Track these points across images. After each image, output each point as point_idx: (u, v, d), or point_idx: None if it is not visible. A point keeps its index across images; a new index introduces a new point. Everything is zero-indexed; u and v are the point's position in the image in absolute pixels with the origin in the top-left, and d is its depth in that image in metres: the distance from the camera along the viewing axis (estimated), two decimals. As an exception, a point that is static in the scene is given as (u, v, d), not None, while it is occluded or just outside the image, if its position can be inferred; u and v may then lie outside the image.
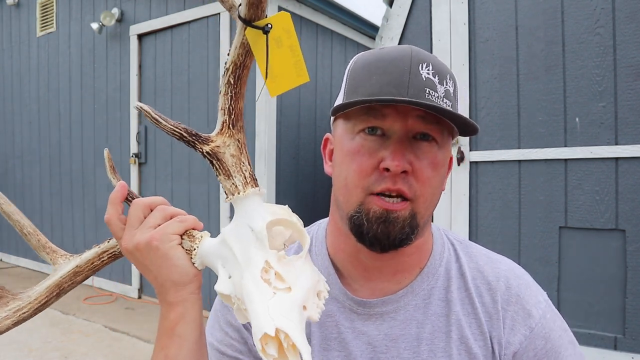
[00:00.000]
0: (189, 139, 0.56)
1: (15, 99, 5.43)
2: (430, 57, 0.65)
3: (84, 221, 4.59)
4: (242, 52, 0.55)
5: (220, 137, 0.56)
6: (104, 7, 4.34)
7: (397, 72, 0.62)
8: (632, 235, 2.11)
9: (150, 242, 0.56)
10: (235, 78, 0.55)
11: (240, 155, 0.57)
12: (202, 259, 0.57)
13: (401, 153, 0.61)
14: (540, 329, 0.68)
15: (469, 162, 2.52)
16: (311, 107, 3.87)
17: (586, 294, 2.22)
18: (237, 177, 0.56)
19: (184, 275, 0.57)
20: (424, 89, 0.62)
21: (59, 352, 2.97)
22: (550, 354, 0.67)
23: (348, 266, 0.73)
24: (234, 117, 0.56)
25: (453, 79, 0.67)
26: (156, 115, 0.55)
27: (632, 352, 2.09)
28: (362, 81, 0.65)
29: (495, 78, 2.45)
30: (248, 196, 0.55)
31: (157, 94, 4.03)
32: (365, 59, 0.67)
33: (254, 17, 0.53)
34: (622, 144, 2.12)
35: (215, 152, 0.56)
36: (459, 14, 2.54)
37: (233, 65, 0.55)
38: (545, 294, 0.72)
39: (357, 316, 0.71)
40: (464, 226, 2.52)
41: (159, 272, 0.57)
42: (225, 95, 0.55)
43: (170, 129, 0.55)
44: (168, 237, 0.57)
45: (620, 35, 2.12)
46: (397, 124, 0.63)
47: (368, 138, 0.64)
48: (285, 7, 3.49)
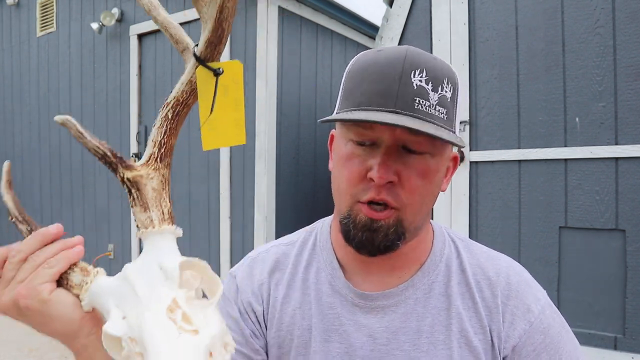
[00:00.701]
0: (112, 160, 0.52)
1: (15, 99, 5.43)
2: (426, 62, 0.64)
3: (83, 221, 4.59)
4: (187, 90, 0.54)
5: (145, 168, 0.53)
6: (104, 7, 4.34)
7: (387, 81, 0.62)
8: (632, 235, 2.11)
9: (17, 301, 0.50)
10: (174, 114, 0.54)
11: (162, 191, 0.53)
12: (92, 298, 0.51)
13: (386, 164, 0.62)
14: (539, 323, 0.69)
15: (469, 162, 2.52)
16: (311, 107, 3.87)
17: (586, 294, 2.22)
18: (155, 212, 0.52)
19: (68, 324, 0.51)
20: (414, 98, 0.62)
21: (59, 352, 2.97)
22: (550, 349, 0.68)
23: (350, 261, 0.75)
24: (163, 151, 0.54)
25: (452, 82, 0.66)
26: (80, 130, 0.51)
27: (632, 352, 2.09)
28: (355, 88, 0.66)
29: (495, 78, 2.45)
30: (162, 232, 0.51)
31: (157, 94, 4.03)
32: (361, 62, 0.68)
33: (208, 57, 0.52)
34: (622, 144, 2.12)
35: (137, 181, 0.52)
36: (459, 14, 2.54)
37: (175, 100, 0.54)
38: (544, 292, 0.73)
39: (359, 309, 0.72)
40: (464, 226, 2.52)
41: (43, 328, 0.52)
42: (160, 128, 0.53)
43: (93, 146, 0.51)
44: (36, 291, 0.49)
45: (621, 35, 2.12)
46: (385, 134, 0.63)
47: (358, 147, 0.66)
48: (285, 7, 3.49)
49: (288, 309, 0.77)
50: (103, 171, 4.45)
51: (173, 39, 0.57)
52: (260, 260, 0.82)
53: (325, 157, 4.03)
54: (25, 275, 0.51)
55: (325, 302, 0.74)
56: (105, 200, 4.43)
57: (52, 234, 0.54)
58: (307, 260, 0.79)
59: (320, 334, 0.73)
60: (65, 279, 0.52)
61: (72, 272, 0.52)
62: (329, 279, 0.76)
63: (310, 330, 0.74)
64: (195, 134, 3.76)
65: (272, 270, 0.80)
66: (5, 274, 0.52)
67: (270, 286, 0.79)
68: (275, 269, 0.80)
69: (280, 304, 0.77)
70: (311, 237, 0.82)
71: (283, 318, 0.76)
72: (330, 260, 0.77)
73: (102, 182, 4.46)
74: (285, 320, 0.76)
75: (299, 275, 0.78)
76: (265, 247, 0.85)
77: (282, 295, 0.78)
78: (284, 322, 0.76)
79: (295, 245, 0.82)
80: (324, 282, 0.76)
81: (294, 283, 0.78)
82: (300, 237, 0.83)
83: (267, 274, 0.80)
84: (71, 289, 0.52)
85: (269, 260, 0.81)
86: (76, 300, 0.52)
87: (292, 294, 0.77)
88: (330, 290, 0.75)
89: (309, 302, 0.76)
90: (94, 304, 0.51)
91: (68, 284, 0.52)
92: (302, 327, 0.75)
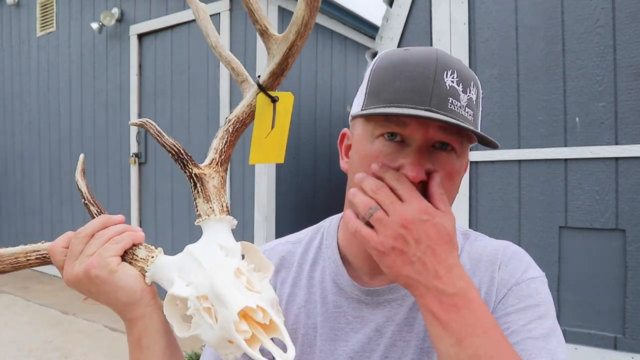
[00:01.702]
0: (185, 157, 0.60)
1: (15, 99, 5.43)
2: (456, 63, 0.64)
3: (83, 221, 4.56)
4: (247, 111, 0.64)
5: (208, 169, 0.62)
6: (104, 7, 4.34)
7: (421, 79, 0.61)
8: (632, 235, 2.11)
9: (88, 271, 0.57)
10: (234, 129, 0.64)
11: (221, 189, 0.62)
12: (155, 270, 0.58)
13: (420, 163, 0.61)
14: (519, 290, 0.67)
15: (469, 162, 2.52)
16: (311, 107, 3.87)
17: (586, 294, 2.22)
18: (215, 203, 0.60)
19: (131, 294, 0.58)
20: (447, 98, 0.61)
21: (59, 352, 2.97)
22: (521, 313, 0.65)
23: (358, 260, 0.75)
24: (223, 157, 0.63)
25: (477, 85, 0.66)
26: (159, 130, 0.60)
27: (632, 352, 2.09)
28: (385, 85, 0.64)
29: (495, 78, 2.45)
30: (222, 221, 0.59)
31: (157, 94, 4.03)
32: (389, 60, 0.66)
33: (269, 86, 0.62)
34: (622, 144, 2.12)
35: (202, 176, 0.61)
36: (459, 14, 2.54)
37: (236, 118, 0.64)
38: (540, 272, 0.71)
39: (365, 305, 0.73)
40: (464, 226, 2.52)
41: (107, 297, 0.59)
42: (222, 139, 0.63)
43: (170, 144, 0.60)
44: (105, 262, 0.57)
45: (621, 35, 2.12)
46: (418, 132, 0.62)
47: (387, 144, 0.64)
48: (285, 7, 3.49)
49: (293, 307, 0.77)
50: (103, 171, 4.46)
51: (234, 72, 0.68)
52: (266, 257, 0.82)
53: (326, 157, 4.03)
54: (95, 249, 0.58)
55: (331, 301, 0.75)
56: (105, 201, 4.43)
57: (115, 219, 0.61)
58: (312, 259, 0.79)
59: (326, 332, 0.74)
60: (131, 254, 0.60)
61: (137, 248, 0.60)
62: (334, 278, 0.76)
63: (315, 328, 0.74)
64: (194, 133, 3.76)
65: (278, 268, 0.80)
66: (73, 248, 0.59)
67: (276, 284, 0.79)
68: (281, 267, 0.80)
69: (285, 302, 0.77)
70: (318, 236, 0.82)
71: (288, 317, 0.76)
72: (336, 258, 0.77)
73: (102, 182, 4.46)
74: (290, 319, 0.76)
75: (304, 274, 0.78)
76: (271, 244, 0.85)
77: (287, 294, 0.78)
78: (288, 321, 0.76)
79: (301, 244, 0.82)
80: (329, 280, 0.76)
81: (299, 282, 0.78)
82: (307, 236, 0.83)
83: (273, 272, 0.80)
84: (136, 263, 0.59)
85: (274, 258, 0.81)
86: (139, 274, 0.59)
87: (297, 293, 0.77)
88: (335, 288, 0.75)
89: (314, 301, 0.76)
90: (155, 277, 0.58)
91: (133, 258, 0.60)
92: (307, 326, 0.75)
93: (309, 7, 0.55)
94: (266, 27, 0.61)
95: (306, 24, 0.56)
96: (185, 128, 3.83)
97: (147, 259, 0.59)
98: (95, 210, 0.64)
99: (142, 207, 4.21)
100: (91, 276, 0.57)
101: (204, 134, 3.71)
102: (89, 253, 0.58)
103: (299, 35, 0.57)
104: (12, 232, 5.61)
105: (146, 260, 0.59)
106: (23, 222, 5.43)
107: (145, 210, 4.19)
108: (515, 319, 0.64)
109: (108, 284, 0.57)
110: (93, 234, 0.59)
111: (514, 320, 0.64)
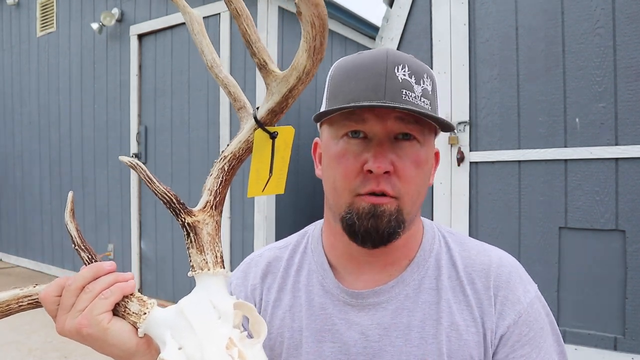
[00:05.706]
0: (177, 206, 0.57)
1: (15, 99, 5.43)
2: (406, 59, 0.67)
3: (84, 221, 4.59)
4: (243, 147, 0.60)
5: (202, 214, 0.58)
6: (104, 7, 4.34)
7: (374, 77, 0.65)
8: (632, 236, 2.11)
9: (80, 330, 0.55)
10: (230, 167, 0.59)
11: (216, 235, 0.58)
12: (148, 326, 0.56)
13: (382, 155, 0.65)
14: (527, 316, 0.69)
15: (469, 162, 2.52)
16: (311, 107, 3.88)
17: (586, 294, 2.22)
18: (209, 254, 0.57)
19: (125, 350, 0.57)
20: (401, 90, 0.65)
21: (59, 352, 2.97)
22: (532, 342, 0.69)
23: (342, 262, 0.76)
24: (218, 200, 0.59)
25: (431, 77, 0.70)
26: (149, 176, 0.56)
27: (632, 353, 2.09)
28: (342, 87, 0.68)
29: (495, 78, 2.45)
30: (217, 275, 0.57)
31: (157, 94, 4.03)
32: (343, 66, 0.70)
33: (267, 122, 0.58)
34: (622, 145, 2.13)
35: (195, 225, 0.57)
36: (459, 14, 2.54)
37: (232, 155, 0.59)
38: (535, 286, 0.74)
39: (351, 308, 0.73)
40: (464, 226, 2.52)
41: (102, 350, 0.58)
42: (216, 178, 0.59)
43: (161, 192, 0.57)
44: (96, 320, 0.55)
45: (620, 35, 2.13)
46: (377, 126, 0.66)
47: (351, 142, 0.68)
48: (285, 7, 3.49)
49: (279, 312, 0.78)
50: (103, 171, 4.45)
51: (231, 96, 0.63)
52: (254, 264, 0.84)
53: (325, 157, 4.03)
54: (84, 304, 0.56)
55: (317, 303, 0.75)
56: (105, 201, 4.43)
57: (106, 269, 0.57)
58: (298, 264, 0.80)
59: (312, 334, 0.74)
60: (123, 307, 0.57)
61: (129, 301, 0.57)
62: (320, 280, 0.77)
63: (301, 331, 0.75)
64: (194, 134, 3.76)
65: (265, 274, 0.82)
66: (65, 301, 0.57)
67: (263, 290, 0.81)
68: (267, 273, 0.82)
69: (271, 307, 0.78)
70: (303, 241, 0.83)
71: (273, 321, 0.77)
72: (322, 262, 0.78)
73: (102, 182, 4.46)
74: (276, 324, 0.77)
75: (290, 279, 0.79)
76: (260, 251, 0.87)
77: (273, 299, 0.79)
78: (274, 326, 0.77)
79: (287, 249, 0.83)
80: (315, 283, 0.77)
81: (285, 286, 0.79)
82: (293, 241, 0.85)
83: (260, 278, 0.82)
84: (128, 317, 0.57)
85: (261, 264, 0.83)
86: (132, 327, 0.57)
87: (283, 297, 0.78)
88: (321, 291, 0.76)
89: (300, 305, 0.77)
90: (149, 332, 0.56)
91: (125, 311, 0.57)
92: (293, 329, 0.76)
93: (312, 59, 0.52)
94: (265, 61, 0.56)
95: (308, 72, 0.53)
96: (185, 128, 3.83)
97: (139, 314, 0.56)
98: (86, 256, 0.59)
99: (142, 207, 4.21)
100: (83, 335, 0.56)
101: (204, 134, 3.71)
102: (79, 309, 0.56)
103: (300, 81, 0.54)
104: (12, 232, 5.61)
105: (139, 316, 0.56)
106: (23, 222, 5.43)
107: (145, 210, 4.19)
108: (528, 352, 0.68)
109: (101, 340, 0.56)
110: (84, 287, 0.56)
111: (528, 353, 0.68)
